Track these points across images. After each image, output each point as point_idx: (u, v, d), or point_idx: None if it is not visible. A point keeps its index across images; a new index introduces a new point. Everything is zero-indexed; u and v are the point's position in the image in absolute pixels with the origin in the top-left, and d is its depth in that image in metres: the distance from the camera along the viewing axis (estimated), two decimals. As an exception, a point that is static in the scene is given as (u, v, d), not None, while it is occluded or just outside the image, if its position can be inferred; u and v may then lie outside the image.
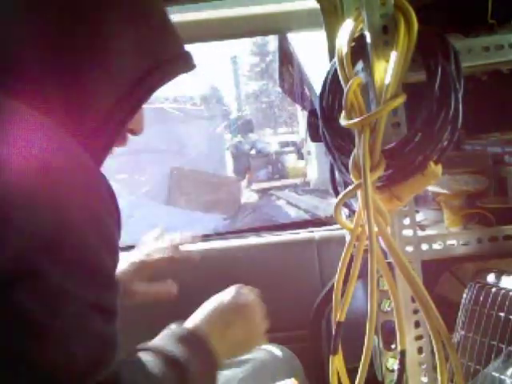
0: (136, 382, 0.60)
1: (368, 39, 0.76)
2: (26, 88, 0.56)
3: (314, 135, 1.01)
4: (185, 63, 0.70)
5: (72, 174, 0.53)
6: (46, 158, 0.51)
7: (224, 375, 1.14)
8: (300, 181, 10.30)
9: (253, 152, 12.11)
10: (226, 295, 0.87)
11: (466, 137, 0.98)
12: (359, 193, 0.73)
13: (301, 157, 11.28)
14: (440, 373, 0.74)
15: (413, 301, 0.80)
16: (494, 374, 0.77)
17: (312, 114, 1.04)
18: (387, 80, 0.72)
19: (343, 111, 0.75)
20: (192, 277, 1.51)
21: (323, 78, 0.82)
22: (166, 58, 0.66)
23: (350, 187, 0.74)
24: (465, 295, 0.86)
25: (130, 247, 1.55)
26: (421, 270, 0.81)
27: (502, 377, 0.76)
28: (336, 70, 0.77)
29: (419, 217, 0.98)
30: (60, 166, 0.52)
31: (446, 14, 0.82)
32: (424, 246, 0.83)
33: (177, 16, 1.40)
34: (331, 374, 0.80)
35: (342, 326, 0.79)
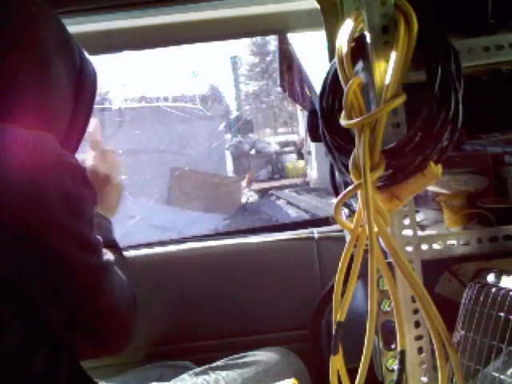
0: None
1: (368, 39, 0.76)
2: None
3: (314, 135, 1.01)
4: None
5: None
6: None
7: (227, 376, 1.14)
8: (300, 181, 10.29)
9: (253, 152, 12.11)
10: None
11: (466, 137, 0.98)
12: (359, 193, 0.73)
13: (301, 157, 11.27)
14: (440, 373, 0.74)
15: (413, 301, 0.80)
16: (494, 373, 0.77)
17: (312, 114, 1.04)
18: (387, 80, 0.72)
19: (343, 111, 0.75)
20: (193, 276, 1.51)
21: (323, 78, 0.82)
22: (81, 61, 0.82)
23: (350, 187, 0.74)
24: (465, 295, 0.86)
25: (132, 247, 1.56)
26: (421, 270, 0.81)
27: (502, 377, 0.76)
28: (336, 70, 0.77)
29: (419, 217, 0.98)
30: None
31: (446, 14, 0.82)
32: (424, 246, 0.83)
33: (177, 16, 1.40)
34: (331, 374, 0.80)
35: (342, 326, 0.79)
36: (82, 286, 0.72)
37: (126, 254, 1.50)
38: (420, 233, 0.87)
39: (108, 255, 0.79)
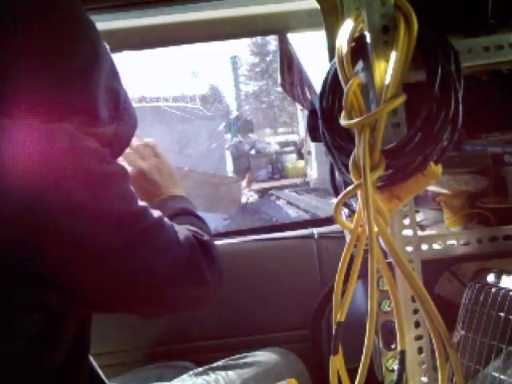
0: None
1: (368, 39, 0.76)
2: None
3: (314, 135, 1.01)
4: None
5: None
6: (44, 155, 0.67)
7: (227, 376, 1.14)
8: (300, 181, 10.31)
9: (253, 152, 12.12)
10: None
11: (466, 137, 0.98)
12: (359, 193, 0.73)
13: (301, 157, 11.29)
14: (440, 373, 0.74)
15: (413, 301, 0.80)
16: (493, 373, 0.77)
17: (312, 114, 1.04)
18: (387, 80, 0.72)
19: (343, 111, 0.75)
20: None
21: (323, 78, 0.82)
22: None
23: (350, 187, 0.74)
24: (465, 295, 0.86)
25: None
26: (421, 270, 0.81)
27: (502, 377, 0.76)
28: (336, 70, 0.77)
29: (419, 217, 0.98)
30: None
31: (446, 14, 0.82)
32: (424, 246, 0.83)
33: (177, 16, 1.40)
34: (331, 374, 0.80)
35: (342, 326, 0.79)
36: (126, 257, 0.72)
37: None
38: (420, 233, 0.87)
39: (156, 213, 0.78)
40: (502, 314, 0.78)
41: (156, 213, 0.78)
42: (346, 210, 0.92)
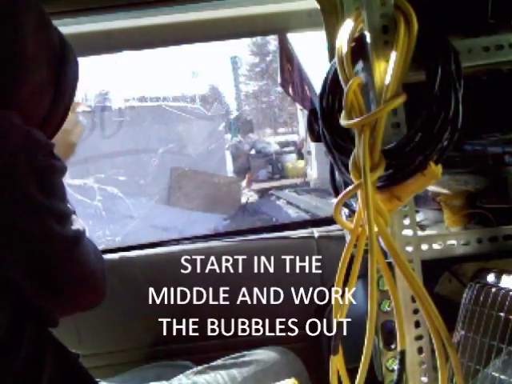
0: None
1: (368, 39, 0.76)
2: None
3: (314, 135, 1.01)
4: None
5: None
6: None
7: (227, 375, 1.14)
8: (300, 181, 10.31)
9: (253, 152, 12.11)
10: None
11: (465, 137, 0.97)
12: (359, 193, 0.73)
13: (301, 157, 11.29)
14: (440, 373, 0.74)
15: (413, 301, 0.80)
16: (493, 374, 0.77)
17: (312, 113, 1.04)
18: (387, 80, 0.72)
19: (343, 111, 0.75)
20: (193, 277, 1.51)
21: (323, 78, 0.82)
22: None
23: (350, 187, 0.74)
24: (465, 295, 0.86)
25: (132, 247, 1.56)
26: (421, 270, 0.81)
27: (502, 377, 0.76)
28: (336, 70, 0.77)
29: (419, 217, 0.98)
30: None
31: (446, 14, 0.82)
32: (424, 246, 0.83)
33: (177, 16, 1.40)
34: (331, 374, 0.80)
35: (342, 326, 0.79)
36: (61, 257, 0.73)
37: (127, 254, 1.48)
38: (420, 233, 0.87)
39: (78, 223, 0.79)
40: (502, 314, 0.78)
41: (78, 223, 0.79)
42: (345, 210, 0.92)
